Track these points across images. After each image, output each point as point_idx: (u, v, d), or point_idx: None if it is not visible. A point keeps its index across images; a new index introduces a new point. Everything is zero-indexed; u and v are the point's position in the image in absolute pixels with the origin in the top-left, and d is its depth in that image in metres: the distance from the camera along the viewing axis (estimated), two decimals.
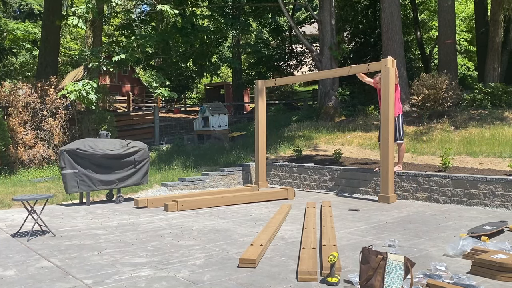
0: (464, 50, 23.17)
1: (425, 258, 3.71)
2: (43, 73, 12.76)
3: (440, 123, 10.53)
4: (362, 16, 20.22)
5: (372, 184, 7.68)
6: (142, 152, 7.27)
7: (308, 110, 17.25)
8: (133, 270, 3.45)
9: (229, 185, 9.25)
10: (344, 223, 5.35)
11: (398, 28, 12.53)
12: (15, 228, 5.05)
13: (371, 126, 11.34)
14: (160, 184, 8.57)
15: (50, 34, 13.43)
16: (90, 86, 10.23)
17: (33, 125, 10.82)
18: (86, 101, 10.26)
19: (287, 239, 4.50)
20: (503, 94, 11.62)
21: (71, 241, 4.48)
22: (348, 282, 3.13)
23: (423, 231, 4.81)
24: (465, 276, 3.07)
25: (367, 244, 3.81)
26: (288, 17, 15.19)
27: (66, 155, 6.63)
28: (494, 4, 13.82)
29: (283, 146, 10.94)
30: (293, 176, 9.06)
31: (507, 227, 4.83)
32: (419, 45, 19.71)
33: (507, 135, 8.79)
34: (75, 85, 10.17)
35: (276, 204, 6.87)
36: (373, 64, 7.31)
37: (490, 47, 13.67)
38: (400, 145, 7.47)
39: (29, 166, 10.39)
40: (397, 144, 7.40)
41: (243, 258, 3.55)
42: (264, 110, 9.15)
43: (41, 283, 3.17)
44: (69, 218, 5.81)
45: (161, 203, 6.76)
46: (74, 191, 6.75)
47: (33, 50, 20.99)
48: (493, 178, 6.23)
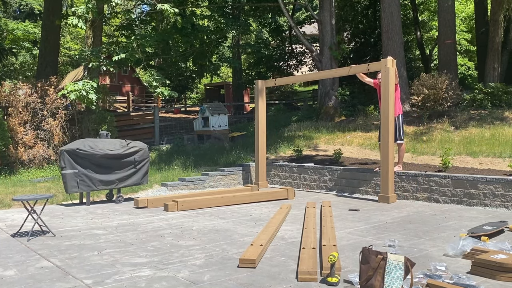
0: (464, 50, 23.18)
1: (425, 258, 3.71)
2: (43, 73, 12.76)
3: (440, 123, 10.53)
4: (362, 16, 20.22)
5: (372, 184, 7.68)
6: (142, 152, 7.27)
7: (308, 110, 17.25)
8: (133, 270, 3.45)
9: (229, 185, 9.25)
10: (344, 223, 5.35)
11: (398, 28, 12.53)
12: (15, 228, 5.05)
13: (371, 126, 11.34)
14: (160, 184, 8.57)
15: (50, 34, 13.43)
16: (90, 86, 10.23)
17: (33, 125, 10.82)
18: (86, 100, 10.26)
19: (287, 239, 4.50)
20: (503, 94, 11.62)
21: (71, 241, 4.48)
22: (348, 282, 3.13)
23: (423, 231, 4.81)
24: (465, 276, 3.07)
25: (367, 244, 3.81)
26: (288, 17, 15.19)
27: (66, 155, 6.63)
28: (494, 4, 13.82)
29: (283, 146, 10.94)
30: (293, 176, 9.06)
31: (507, 227, 4.83)
32: (419, 45, 19.71)
33: (507, 135, 8.79)
34: (75, 85, 10.17)
35: (276, 204, 6.87)
36: (373, 64, 7.30)
37: (490, 47, 13.67)
38: (400, 145, 7.47)
39: (29, 166, 10.39)
40: (397, 144, 7.40)
41: (243, 258, 3.55)
42: (264, 110, 9.15)
43: (41, 283, 3.17)
44: (69, 218, 5.81)
45: (161, 203, 6.76)
46: (74, 191, 6.75)
47: (33, 50, 20.98)
48: (493, 178, 6.23)
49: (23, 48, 20.59)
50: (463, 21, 24.31)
